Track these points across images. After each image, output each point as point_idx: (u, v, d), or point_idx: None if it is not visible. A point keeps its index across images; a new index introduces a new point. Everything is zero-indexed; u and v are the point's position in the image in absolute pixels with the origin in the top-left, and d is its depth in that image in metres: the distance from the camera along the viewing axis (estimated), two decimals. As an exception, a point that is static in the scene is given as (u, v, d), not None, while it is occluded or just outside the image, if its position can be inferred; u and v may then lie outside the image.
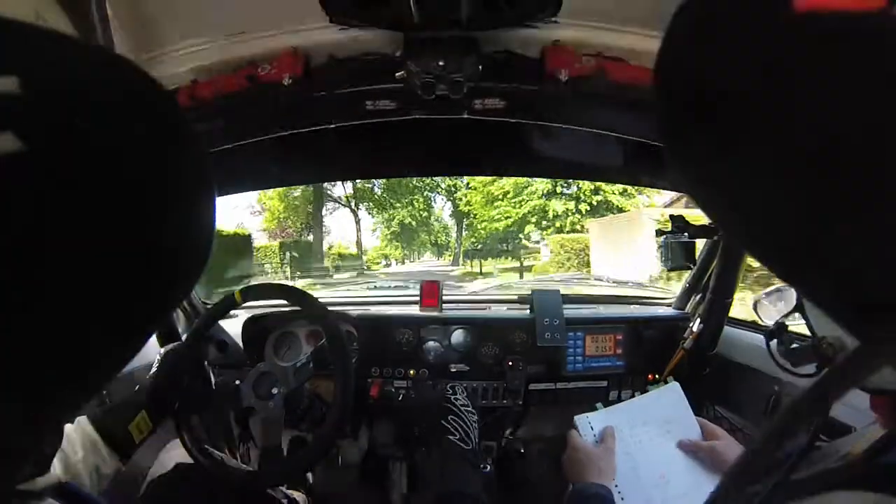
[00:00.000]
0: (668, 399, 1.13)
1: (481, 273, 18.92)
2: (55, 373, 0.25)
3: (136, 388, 1.13)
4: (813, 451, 0.58)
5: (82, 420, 0.98)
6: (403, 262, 29.19)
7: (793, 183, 0.23)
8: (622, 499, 0.95)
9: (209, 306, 1.33)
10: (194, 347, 1.28)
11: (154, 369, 1.19)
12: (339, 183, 21.52)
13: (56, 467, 0.89)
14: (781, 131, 0.23)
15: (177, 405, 1.17)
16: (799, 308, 0.82)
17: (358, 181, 19.77)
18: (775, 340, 1.02)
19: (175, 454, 1.26)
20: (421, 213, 25.77)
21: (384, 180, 20.66)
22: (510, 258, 23.47)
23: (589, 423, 1.08)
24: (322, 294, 2.19)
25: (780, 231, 0.26)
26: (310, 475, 1.52)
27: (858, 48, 0.20)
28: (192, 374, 1.24)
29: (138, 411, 1.06)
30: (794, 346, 0.97)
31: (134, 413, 1.05)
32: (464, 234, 26.22)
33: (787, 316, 1.01)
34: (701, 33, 0.26)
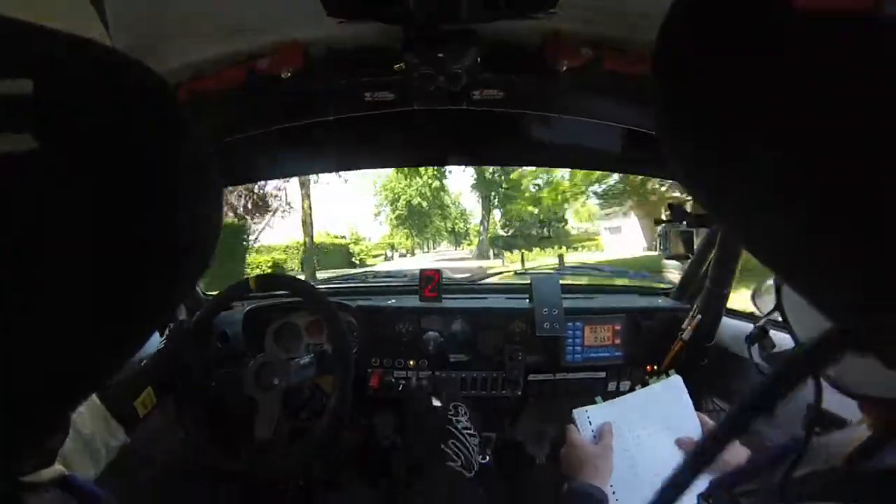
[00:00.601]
0: (670, 393, 1.12)
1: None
2: (58, 369, 0.25)
3: (143, 362, 1.15)
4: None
5: (92, 396, 0.99)
6: (413, 254, 24.77)
7: (790, 180, 0.23)
8: (616, 500, 0.95)
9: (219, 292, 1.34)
10: (204, 327, 1.30)
11: (161, 344, 1.21)
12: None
13: (67, 444, 0.90)
14: (778, 127, 0.23)
15: (180, 385, 1.19)
16: (780, 310, 0.82)
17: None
18: (756, 345, 1.02)
19: (175, 445, 1.27)
20: (431, 185, 21.54)
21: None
22: (558, 247, 18.92)
23: (587, 417, 1.08)
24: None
25: (776, 227, 0.26)
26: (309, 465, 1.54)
27: (855, 47, 0.20)
28: (196, 354, 1.27)
29: (144, 387, 1.08)
30: (776, 351, 0.96)
31: (140, 389, 1.07)
32: (494, 211, 21.62)
33: (766, 317, 1.01)
34: (698, 26, 0.26)
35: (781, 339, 1.00)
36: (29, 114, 0.22)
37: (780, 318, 0.86)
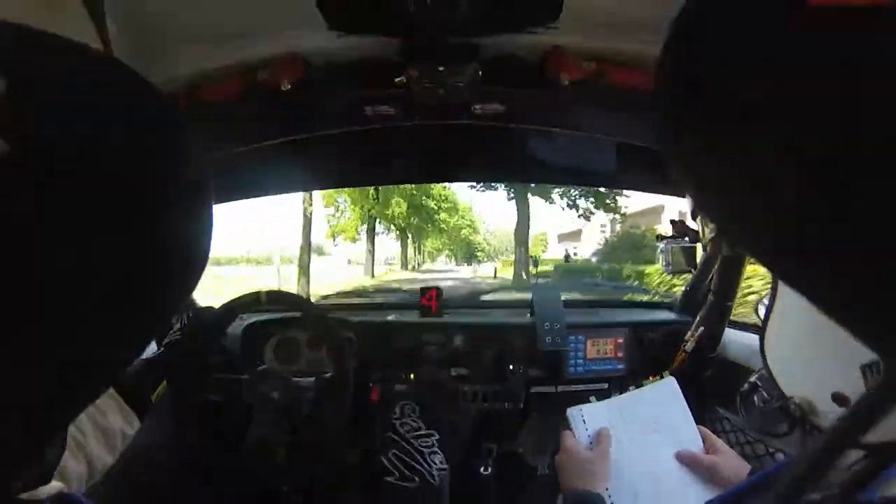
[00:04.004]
0: (664, 394, 1.11)
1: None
2: (53, 380, 0.25)
3: (156, 353, 1.17)
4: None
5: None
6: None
7: (796, 188, 0.23)
8: (612, 502, 0.93)
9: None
10: (217, 331, 1.29)
11: (175, 338, 1.21)
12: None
13: (89, 433, 0.91)
14: (785, 135, 0.22)
15: (181, 381, 1.18)
16: (763, 362, 0.83)
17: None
18: (747, 399, 1.04)
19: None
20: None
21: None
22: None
23: (581, 417, 1.07)
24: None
25: (783, 236, 0.25)
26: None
27: (864, 47, 0.20)
28: (201, 358, 1.27)
29: (161, 381, 1.10)
30: (764, 406, 0.97)
31: (157, 382, 1.09)
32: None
33: (759, 372, 1.02)
34: (701, 37, 0.25)
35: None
36: (26, 118, 0.22)
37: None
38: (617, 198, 14.28)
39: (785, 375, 0.74)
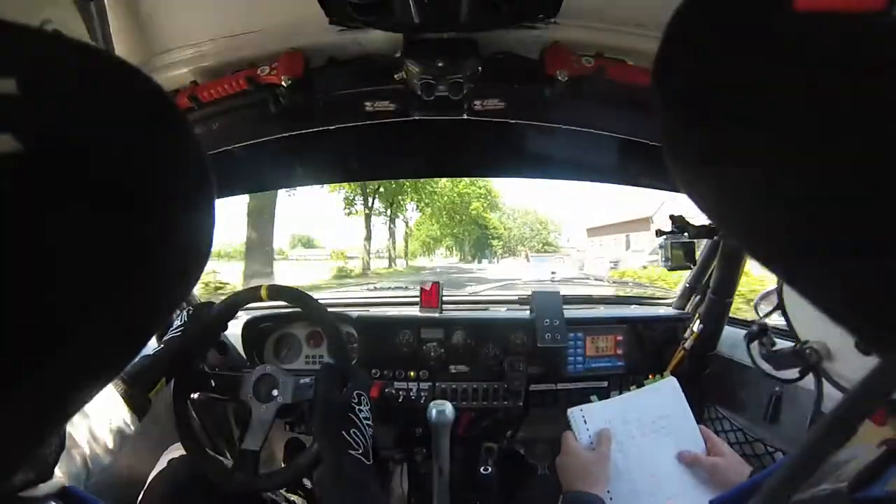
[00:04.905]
0: (665, 394, 1.12)
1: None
2: (53, 377, 0.24)
3: (156, 349, 1.17)
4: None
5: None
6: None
7: (794, 185, 0.23)
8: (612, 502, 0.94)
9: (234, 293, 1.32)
10: (218, 327, 1.29)
11: (175, 334, 1.21)
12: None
13: (86, 432, 0.92)
14: (783, 132, 0.22)
15: (181, 377, 1.18)
16: (780, 309, 0.82)
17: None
18: (756, 342, 1.02)
19: (176, 455, 1.25)
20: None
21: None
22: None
23: (582, 417, 1.07)
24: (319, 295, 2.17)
25: (782, 233, 0.25)
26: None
27: (858, 48, 0.20)
28: (201, 354, 1.28)
29: (159, 379, 1.11)
30: (776, 349, 0.96)
31: (155, 381, 1.10)
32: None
33: (767, 315, 1.01)
34: (700, 34, 0.25)
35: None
36: (26, 116, 0.22)
37: (782, 319, 0.86)
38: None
39: (802, 320, 0.73)
